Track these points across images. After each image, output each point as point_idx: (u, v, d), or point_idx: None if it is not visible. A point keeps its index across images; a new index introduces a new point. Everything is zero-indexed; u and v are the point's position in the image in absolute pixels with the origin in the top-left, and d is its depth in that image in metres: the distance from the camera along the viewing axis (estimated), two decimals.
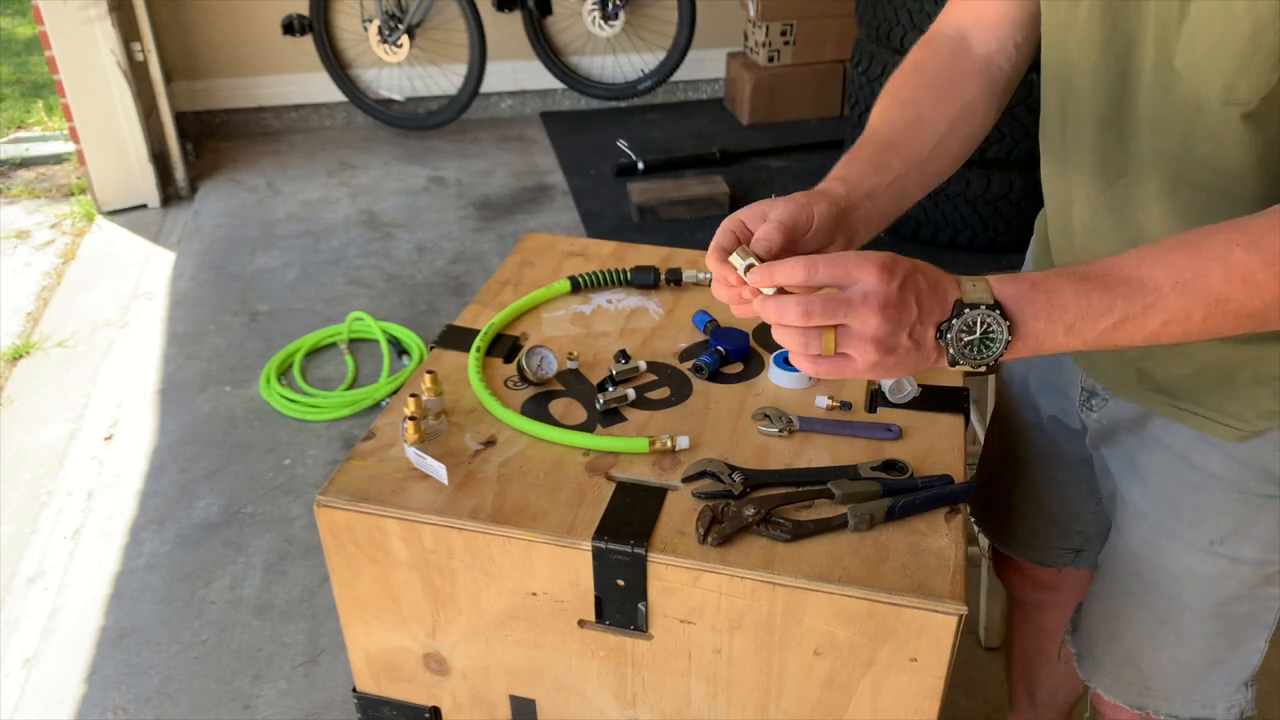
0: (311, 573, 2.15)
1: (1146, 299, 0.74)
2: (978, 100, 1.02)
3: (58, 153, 4.27)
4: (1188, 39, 0.77)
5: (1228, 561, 1.00)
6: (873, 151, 0.96)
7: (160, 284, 3.29)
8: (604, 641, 1.00)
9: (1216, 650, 1.07)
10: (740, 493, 0.97)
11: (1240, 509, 0.97)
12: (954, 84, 1.02)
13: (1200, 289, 0.73)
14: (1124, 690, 1.15)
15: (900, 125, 0.99)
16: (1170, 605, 1.06)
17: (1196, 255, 0.74)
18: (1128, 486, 1.07)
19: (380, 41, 4.28)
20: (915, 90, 1.02)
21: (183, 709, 1.86)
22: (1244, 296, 0.73)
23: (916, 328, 0.76)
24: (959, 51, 1.04)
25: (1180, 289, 0.74)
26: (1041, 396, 1.21)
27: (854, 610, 0.89)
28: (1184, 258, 0.74)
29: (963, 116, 1.01)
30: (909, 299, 0.76)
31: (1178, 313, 0.74)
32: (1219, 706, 1.11)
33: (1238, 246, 0.73)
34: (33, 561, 2.20)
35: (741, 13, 4.59)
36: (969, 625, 1.99)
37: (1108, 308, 0.75)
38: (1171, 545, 1.03)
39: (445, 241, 3.54)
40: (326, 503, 0.99)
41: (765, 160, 4.17)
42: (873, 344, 0.76)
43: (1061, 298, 0.75)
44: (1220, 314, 0.74)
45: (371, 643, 1.09)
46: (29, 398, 2.75)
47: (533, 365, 1.14)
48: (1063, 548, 1.30)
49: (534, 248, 1.46)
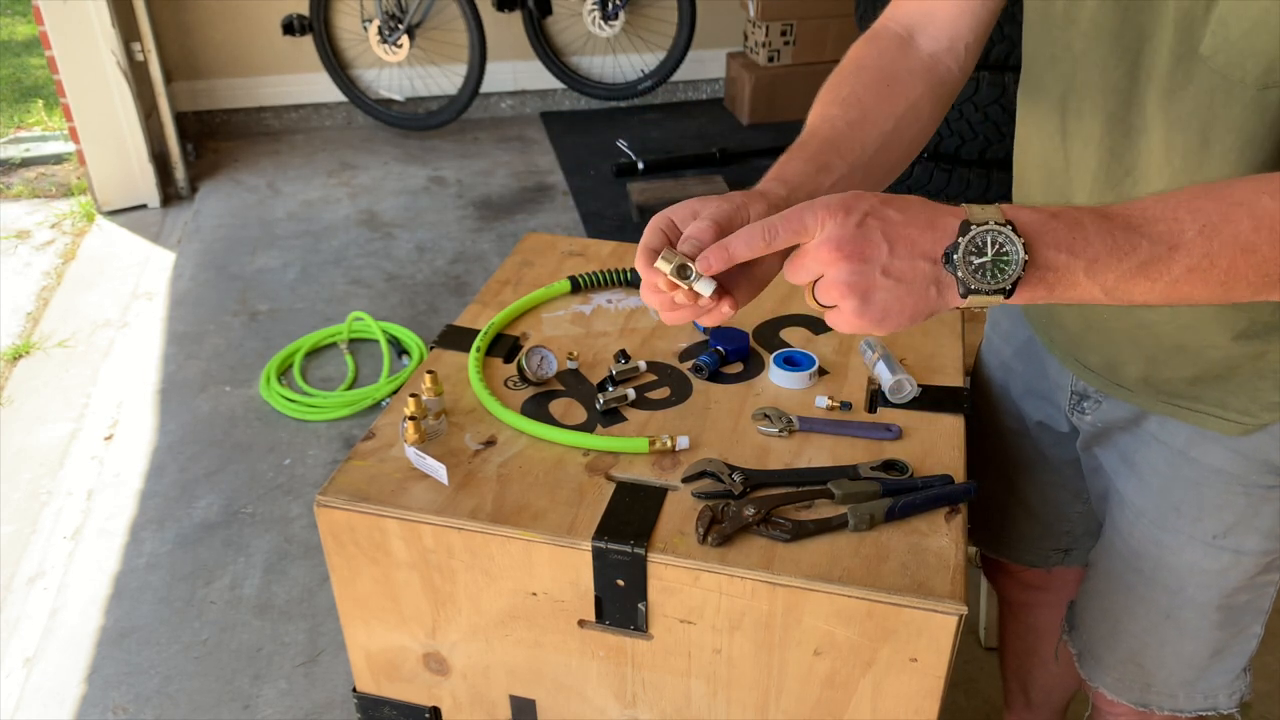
0: (311, 573, 2.15)
1: (1172, 240, 0.68)
2: (923, 101, 0.97)
3: (58, 153, 4.27)
4: (1218, 24, 0.74)
5: (1231, 554, 1.00)
6: (814, 151, 0.90)
7: (160, 284, 3.29)
8: (604, 641, 1.00)
9: (1219, 641, 1.07)
10: (740, 493, 0.97)
11: (1242, 502, 0.97)
12: (897, 83, 0.97)
13: (1227, 235, 0.68)
14: (1127, 688, 1.15)
15: (841, 124, 0.93)
16: (1174, 600, 1.06)
17: (1224, 201, 0.69)
18: (1124, 484, 1.07)
19: (380, 41, 4.28)
20: (857, 88, 0.96)
21: (183, 709, 1.86)
22: (1270, 247, 0.68)
23: (894, 263, 0.70)
24: (904, 49, 0.99)
25: (1206, 233, 0.68)
26: (1025, 403, 1.20)
27: (854, 610, 0.89)
28: (1210, 203, 0.69)
29: (907, 117, 0.96)
30: (872, 235, 0.70)
31: (1202, 259, 0.69)
32: (1221, 696, 1.11)
33: (1266, 194, 0.69)
34: (33, 561, 2.20)
35: (741, 13, 4.59)
36: (969, 625, 1.99)
37: (1133, 246, 0.69)
38: (1174, 540, 1.03)
39: (445, 241, 3.54)
40: (326, 503, 0.99)
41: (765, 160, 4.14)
42: (846, 289, 0.71)
43: (1084, 231, 0.69)
44: (1245, 264, 0.69)
45: (371, 643, 1.09)
46: (29, 398, 2.75)
47: (533, 365, 1.14)
48: (1052, 549, 1.30)
49: (534, 248, 1.46)
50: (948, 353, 1.21)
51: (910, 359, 1.19)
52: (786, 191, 0.85)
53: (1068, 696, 1.54)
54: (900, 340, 1.23)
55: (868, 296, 0.71)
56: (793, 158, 0.90)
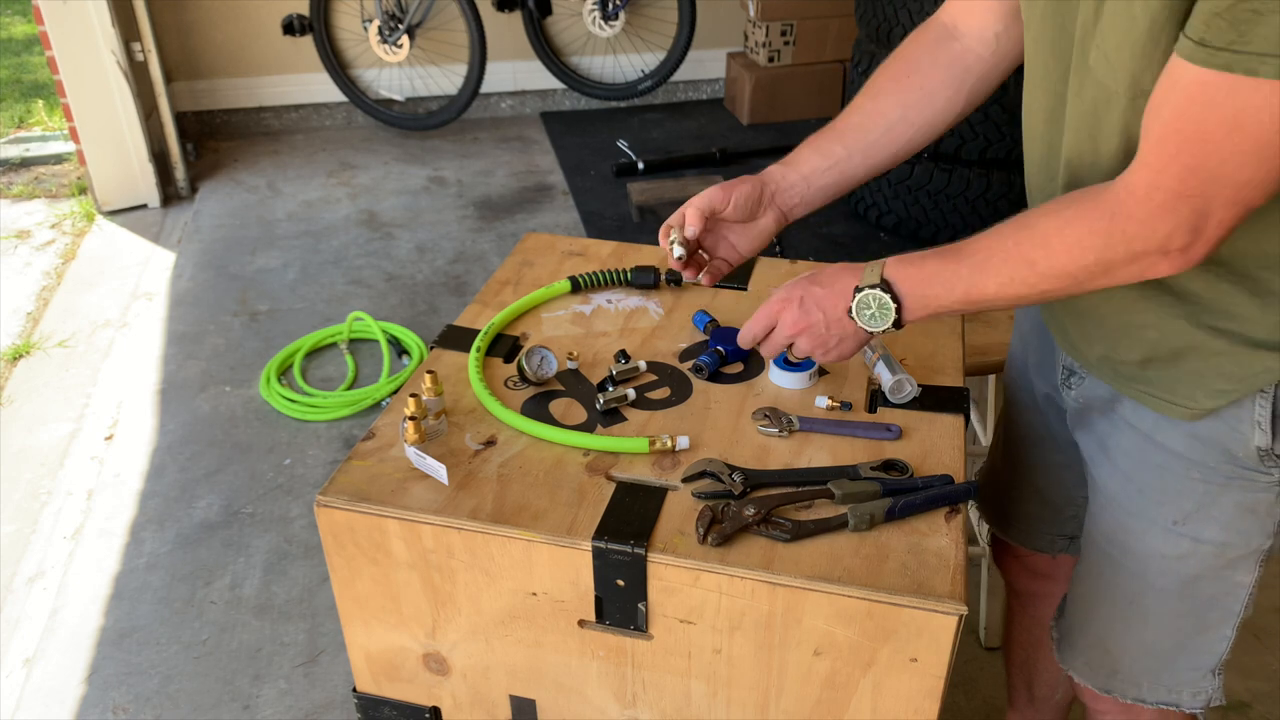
0: (311, 573, 2.15)
1: (982, 267, 0.92)
2: (939, 89, 1.12)
3: (58, 153, 4.27)
4: (1100, 38, 0.85)
5: (1190, 541, 1.02)
6: (824, 138, 1.14)
7: (160, 284, 3.29)
8: (604, 641, 1.00)
9: (1181, 633, 1.09)
10: (740, 493, 0.97)
11: (1200, 489, 1.00)
12: (917, 72, 1.13)
13: (1015, 255, 0.90)
14: (1094, 673, 1.17)
15: (857, 114, 1.14)
16: (1137, 586, 1.08)
17: (1017, 225, 0.90)
18: (1098, 469, 1.10)
19: (380, 41, 4.28)
20: (882, 79, 1.15)
21: (183, 709, 1.86)
22: (1046, 261, 0.87)
23: (834, 323, 1.01)
24: (941, 39, 1.13)
25: (1002, 256, 0.90)
26: (1036, 377, 1.24)
27: (854, 610, 0.89)
28: (1010, 228, 0.91)
29: (918, 105, 1.12)
30: (810, 309, 1.01)
31: (1004, 277, 0.90)
32: (1184, 692, 1.12)
33: (1042, 215, 0.89)
34: (33, 561, 2.20)
35: (741, 13, 4.59)
36: (969, 625, 1.99)
37: (958, 276, 0.93)
38: (1137, 525, 1.06)
39: (445, 241, 3.54)
40: (326, 503, 0.99)
41: (765, 160, 4.16)
42: (811, 344, 1.03)
43: (927, 269, 0.96)
44: (1035, 275, 0.88)
45: (371, 643, 1.09)
46: (29, 398, 2.75)
47: (533, 365, 1.14)
48: (1058, 534, 1.32)
49: (534, 248, 1.46)
50: (948, 353, 1.21)
51: (910, 359, 1.19)
52: (783, 172, 1.14)
53: (1070, 696, 1.54)
54: (900, 340, 1.23)
55: (825, 344, 1.03)
56: (808, 143, 1.15)
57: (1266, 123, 0.73)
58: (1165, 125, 0.78)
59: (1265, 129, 0.73)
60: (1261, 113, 0.72)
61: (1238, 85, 0.72)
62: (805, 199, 1.15)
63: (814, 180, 1.14)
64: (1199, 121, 0.76)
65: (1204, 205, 0.79)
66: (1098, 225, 0.84)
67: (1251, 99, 0.72)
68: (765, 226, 1.16)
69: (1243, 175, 0.77)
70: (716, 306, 1.30)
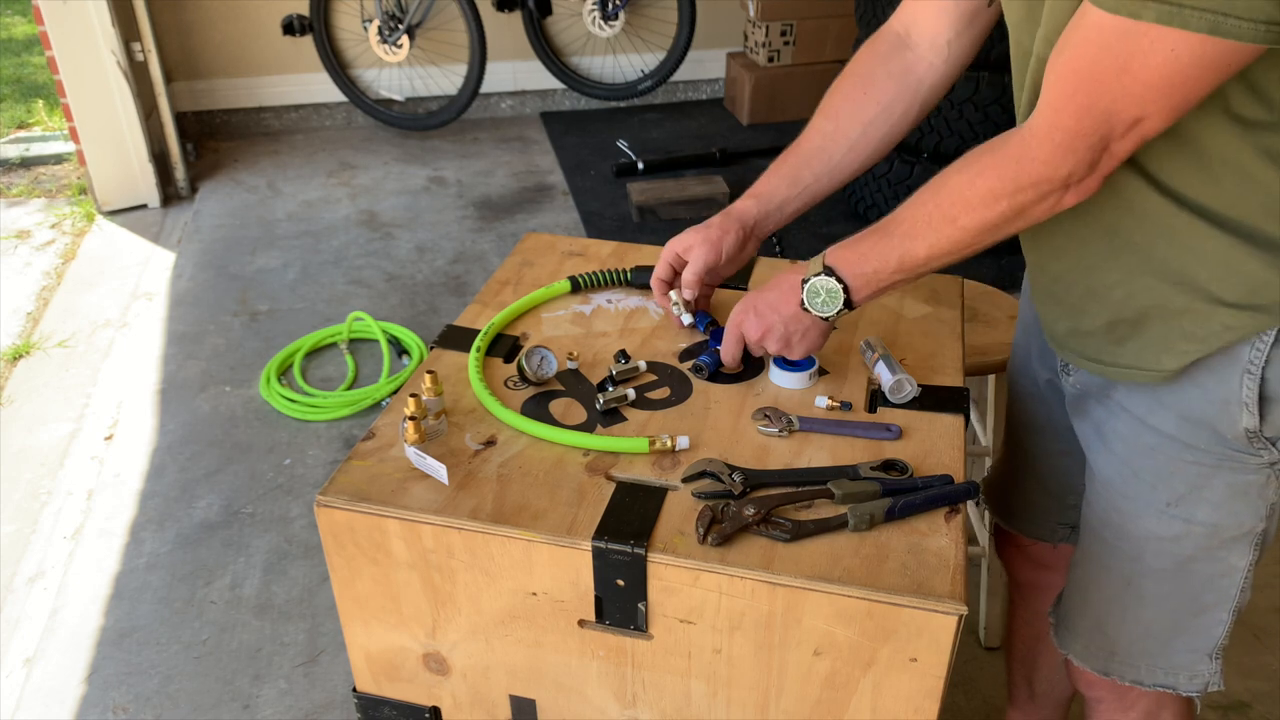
0: (311, 573, 2.15)
1: (910, 234, 0.97)
2: (895, 101, 1.17)
3: (58, 153, 4.27)
4: (1043, 23, 0.90)
5: (1182, 523, 1.04)
6: (791, 166, 1.21)
7: (160, 284, 3.29)
8: (604, 641, 1.00)
9: (1178, 615, 1.10)
10: (740, 493, 0.97)
11: (1193, 471, 1.01)
12: (873, 87, 1.17)
13: (937, 216, 0.95)
14: (1093, 656, 1.18)
15: (818, 136, 1.20)
16: (1133, 568, 1.10)
17: (934, 188, 0.96)
18: (1094, 454, 1.12)
19: (380, 42, 4.28)
20: (837, 98, 1.20)
21: (183, 709, 1.86)
22: (964, 213, 0.92)
23: (790, 321, 1.08)
24: (894, 49, 1.17)
25: (925, 220, 0.96)
26: (1039, 364, 1.25)
27: (854, 610, 0.89)
28: (928, 193, 0.96)
29: (877, 120, 1.17)
30: (765, 313, 1.09)
31: (931, 238, 0.96)
32: (1181, 676, 1.13)
33: (952, 173, 0.94)
34: (33, 561, 2.20)
35: (741, 13, 4.59)
36: (969, 625, 1.99)
37: (890, 248, 0.99)
38: (1132, 508, 1.07)
39: (445, 241, 3.54)
40: (326, 503, 0.99)
41: (765, 160, 4.13)
42: (778, 344, 1.10)
43: (862, 248, 1.01)
44: (958, 230, 0.94)
45: (371, 643, 1.09)
46: (29, 398, 2.75)
47: (533, 365, 1.14)
48: (1059, 522, 1.33)
49: (534, 248, 1.46)
50: (948, 353, 1.21)
51: (910, 359, 1.19)
52: (758, 207, 1.20)
53: (1070, 692, 1.54)
54: (900, 340, 1.23)
55: (788, 340, 1.10)
56: (773, 172, 1.22)
57: (1153, 65, 0.77)
58: (1064, 66, 0.83)
59: (1150, 71, 0.78)
60: (1149, 56, 0.77)
61: (1127, 28, 0.77)
62: (779, 223, 1.23)
63: (786, 207, 1.21)
64: (1093, 62, 0.80)
65: (1099, 142, 0.84)
66: (1005, 172, 0.89)
67: (1139, 42, 0.77)
68: (748, 255, 1.24)
69: (1133, 113, 0.81)
70: (716, 307, 1.30)
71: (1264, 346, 0.93)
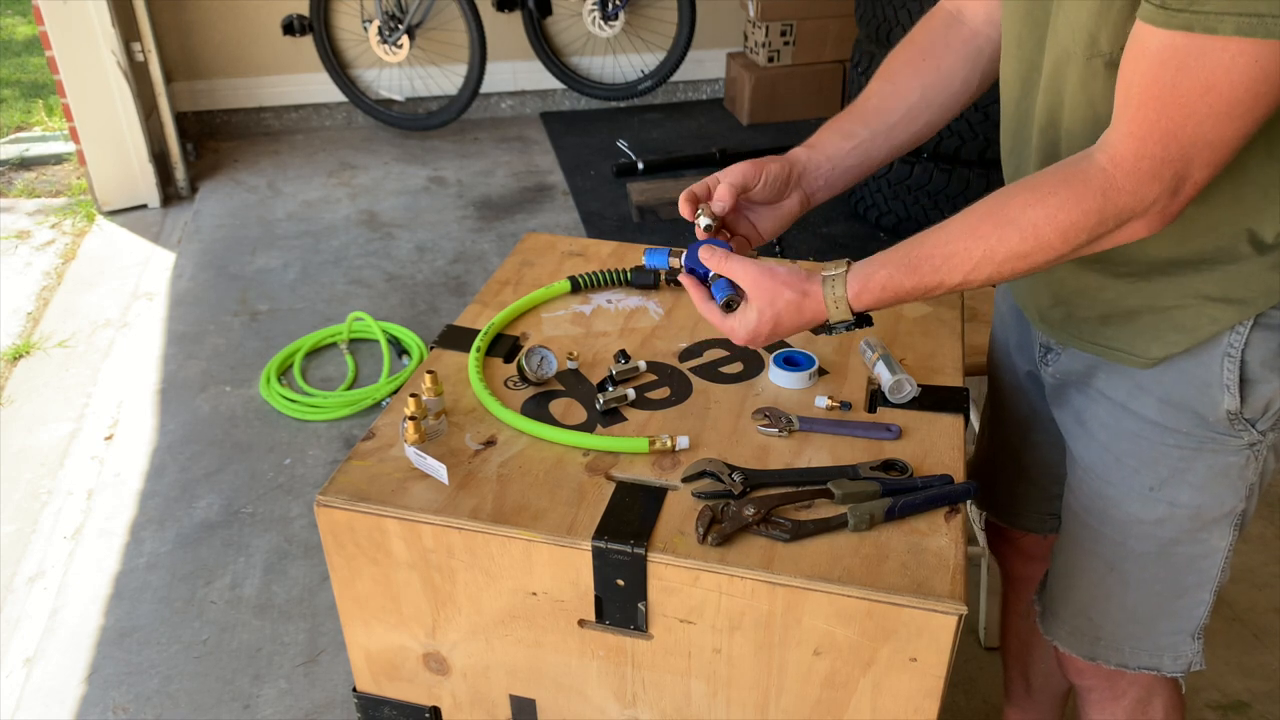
0: (311, 573, 2.15)
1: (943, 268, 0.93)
2: (955, 69, 1.13)
3: (58, 153, 4.27)
4: (1064, 3, 0.89)
5: (1166, 506, 1.05)
6: (845, 120, 1.15)
7: (160, 284, 3.29)
8: (604, 641, 1.00)
9: (1161, 597, 1.11)
10: (740, 493, 0.97)
11: (1175, 454, 1.02)
12: (932, 53, 1.14)
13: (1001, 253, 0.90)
14: (1078, 641, 1.19)
15: (875, 96, 1.15)
16: (1116, 552, 1.11)
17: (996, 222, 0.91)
18: (1076, 442, 1.13)
19: (380, 42, 4.28)
20: (897, 62, 1.16)
21: (183, 708, 1.86)
22: (1036, 249, 0.89)
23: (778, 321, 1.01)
24: (950, 23, 1.15)
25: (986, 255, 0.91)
26: (1017, 357, 1.26)
27: (854, 610, 0.89)
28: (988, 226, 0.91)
29: (936, 85, 1.14)
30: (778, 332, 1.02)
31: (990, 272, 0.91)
32: (1166, 656, 1.14)
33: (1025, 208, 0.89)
34: (33, 561, 2.20)
35: (741, 13, 4.59)
36: (969, 625, 1.99)
37: (922, 282, 0.94)
38: (1115, 493, 1.08)
39: (445, 241, 3.54)
40: (327, 502, 0.99)
41: None
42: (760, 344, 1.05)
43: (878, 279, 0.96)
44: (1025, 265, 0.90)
45: (371, 642, 1.09)
46: (29, 398, 2.75)
47: (533, 365, 1.14)
48: (1046, 512, 1.34)
49: (534, 248, 1.46)
50: (948, 353, 1.21)
51: (910, 359, 1.19)
52: (808, 154, 1.13)
53: (1066, 687, 1.55)
54: (900, 340, 1.23)
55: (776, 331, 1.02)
56: (829, 126, 1.16)
57: (1236, 80, 0.75)
58: (1143, 91, 0.80)
59: (1235, 86, 0.76)
60: (1231, 72, 0.75)
61: (1204, 45, 0.75)
62: (829, 181, 1.14)
63: (839, 162, 1.14)
64: (1173, 85, 0.78)
65: (1184, 168, 0.82)
66: (1090, 206, 0.85)
67: (1220, 58, 0.75)
68: (790, 208, 1.14)
69: (1219, 134, 0.79)
70: None
71: (1244, 330, 0.95)
